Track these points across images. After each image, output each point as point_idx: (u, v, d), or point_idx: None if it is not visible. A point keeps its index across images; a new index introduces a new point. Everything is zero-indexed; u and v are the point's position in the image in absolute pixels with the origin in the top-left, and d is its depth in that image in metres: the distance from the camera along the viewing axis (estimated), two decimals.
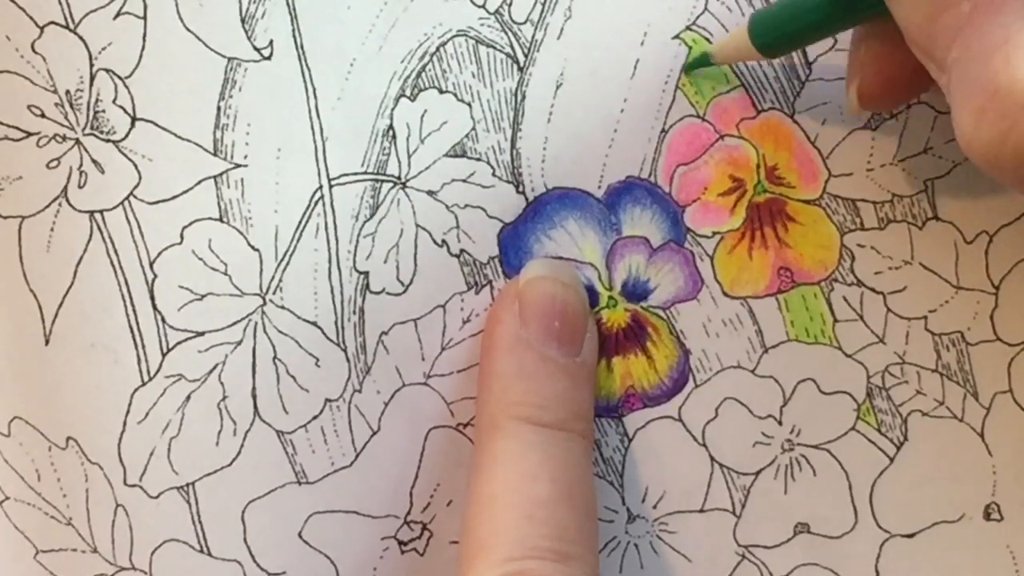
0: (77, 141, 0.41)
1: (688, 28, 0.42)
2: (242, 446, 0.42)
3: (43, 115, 0.41)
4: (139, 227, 0.41)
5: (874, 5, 0.35)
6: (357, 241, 0.41)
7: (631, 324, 0.42)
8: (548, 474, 0.38)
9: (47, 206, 0.41)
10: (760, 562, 0.43)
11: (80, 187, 0.41)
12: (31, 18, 0.40)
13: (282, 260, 0.41)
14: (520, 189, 0.42)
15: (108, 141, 0.41)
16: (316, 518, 0.42)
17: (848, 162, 0.42)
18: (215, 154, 0.41)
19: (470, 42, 0.41)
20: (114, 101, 0.41)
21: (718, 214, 0.42)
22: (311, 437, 0.42)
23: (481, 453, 0.39)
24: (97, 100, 0.41)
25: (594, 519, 0.39)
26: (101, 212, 0.41)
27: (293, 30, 0.41)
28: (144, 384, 0.41)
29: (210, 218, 0.41)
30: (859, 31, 0.38)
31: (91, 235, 0.41)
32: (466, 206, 0.42)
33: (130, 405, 0.41)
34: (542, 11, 0.41)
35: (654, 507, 0.42)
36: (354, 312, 0.42)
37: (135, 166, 0.41)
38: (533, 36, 0.41)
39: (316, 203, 0.41)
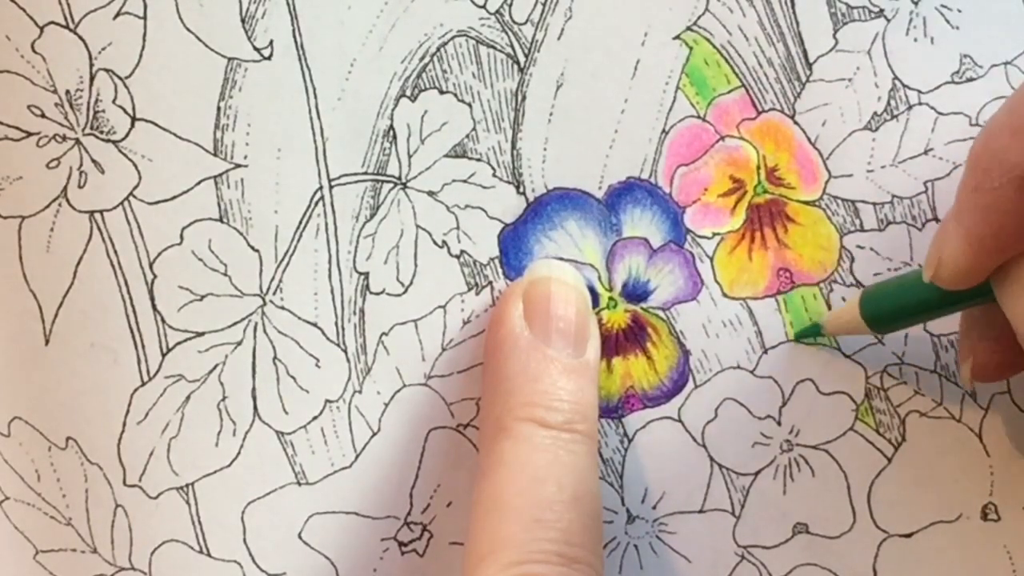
0: (77, 141, 0.41)
1: (689, 28, 0.42)
2: (242, 447, 0.42)
3: (43, 115, 0.40)
4: (139, 227, 0.41)
5: (983, 294, 0.36)
6: (357, 242, 0.41)
7: (631, 325, 0.42)
8: (554, 477, 0.38)
9: (47, 206, 0.41)
10: (759, 562, 0.43)
11: (80, 187, 0.41)
12: (31, 18, 0.40)
13: (282, 260, 0.41)
14: (520, 190, 0.42)
15: (108, 141, 0.41)
16: (316, 519, 0.42)
17: (848, 163, 0.42)
18: (215, 154, 0.41)
19: (470, 42, 0.41)
20: (114, 101, 0.40)
21: (718, 215, 0.42)
22: (311, 438, 0.42)
23: (486, 455, 0.39)
24: (97, 100, 0.40)
25: (599, 521, 0.39)
26: (101, 212, 0.41)
27: (293, 30, 0.41)
28: (144, 384, 0.41)
29: (210, 218, 0.41)
30: (971, 316, 0.40)
31: (91, 235, 0.41)
32: (466, 207, 0.42)
33: (130, 405, 0.41)
34: (543, 11, 0.41)
35: (654, 508, 0.42)
36: (354, 313, 0.41)
37: (135, 166, 0.41)
38: (534, 36, 0.41)
39: (316, 203, 0.41)
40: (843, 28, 0.42)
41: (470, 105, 0.42)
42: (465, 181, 0.42)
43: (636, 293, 0.42)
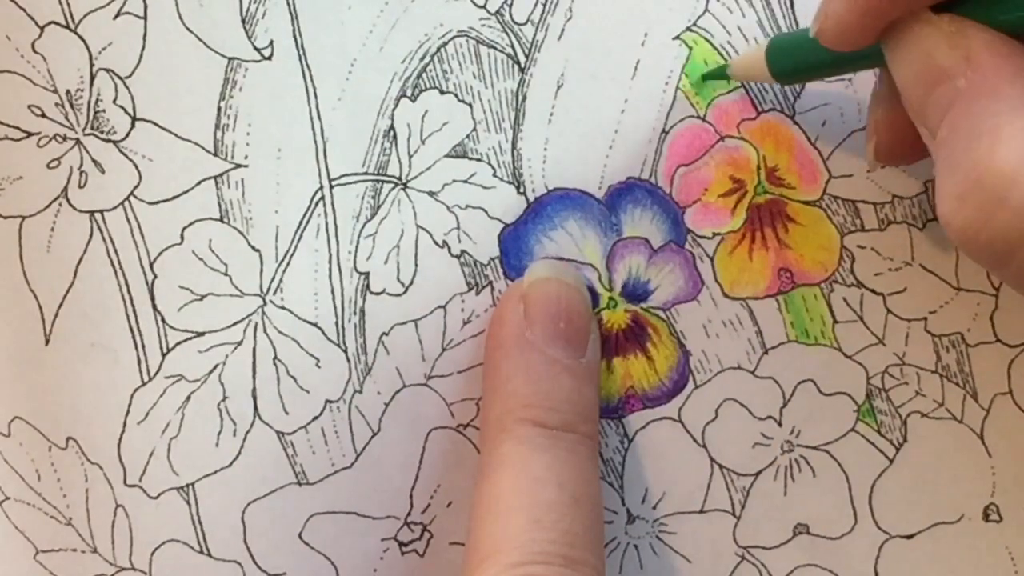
0: (77, 141, 0.41)
1: (689, 29, 0.42)
2: (242, 447, 0.42)
3: (43, 115, 0.41)
4: (139, 227, 0.41)
5: (875, 58, 0.35)
6: (358, 242, 0.41)
7: (631, 325, 0.42)
8: (555, 478, 0.38)
9: (47, 206, 0.41)
10: (760, 563, 0.43)
11: (80, 187, 0.41)
12: (31, 18, 0.40)
13: (282, 260, 0.41)
14: (521, 190, 0.42)
15: (108, 141, 0.41)
16: (316, 519, 0.42)
17: (848, 163, 0.42)
18: (215, 154, 0.41)
19: (471, 42, 0.41)
20: (114, 101, 0.41)
21: (718, 215, 0.42)
22: (311, 438, 0.42)
23: (487, 456, 0.39)
24: (97, 100, 0.41)
25: (600, 522, 0.39)
26: (101, 212, 0.41)
27: (293, 30, 0.41)
28: (144, 384, 0.41)
29: (210, 218, 0.41)
30: (877, 93, 0.38)
31: (91, 235, 0.41)
32: (467, 207, 0.42)
33: (130, 405, 0.41)
34: (543, 12, 0.41)
35: (654, 508, 0.42)
36: (354, 313, 0.42)
37: (135, 166, 0.41)
38: (534, 37, 0.41)
39: (317, 203, 0.41)
40: None
41: (470, 105, 0.42)
42: (465, 181, 0.42)
43: (636, 293, 0.42)
